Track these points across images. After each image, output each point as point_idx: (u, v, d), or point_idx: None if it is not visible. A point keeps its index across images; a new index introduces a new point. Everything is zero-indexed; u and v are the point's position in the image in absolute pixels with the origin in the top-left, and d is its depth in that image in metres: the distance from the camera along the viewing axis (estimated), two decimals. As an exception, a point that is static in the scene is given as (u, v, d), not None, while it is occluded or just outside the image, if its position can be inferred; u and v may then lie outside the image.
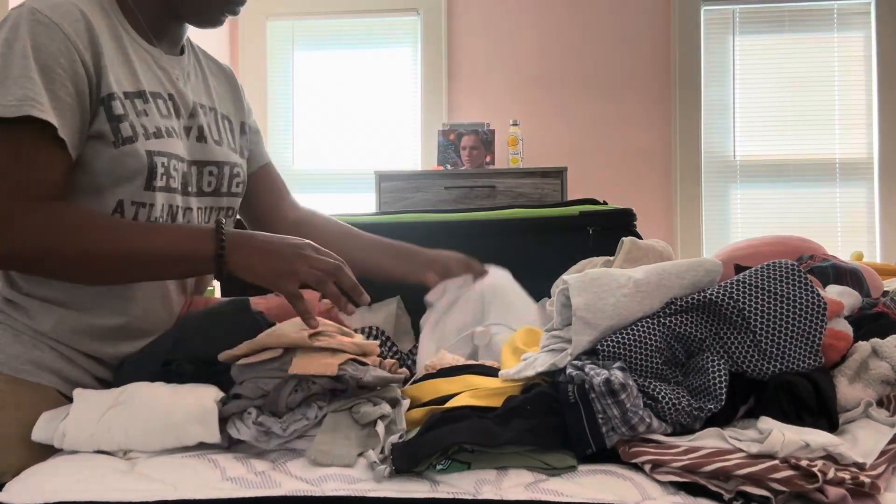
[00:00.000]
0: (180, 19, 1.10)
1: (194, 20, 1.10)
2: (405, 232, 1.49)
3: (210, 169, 1.13)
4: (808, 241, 1.56)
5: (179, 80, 1.11)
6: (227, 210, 1.18)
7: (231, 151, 1.18)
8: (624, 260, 1.19)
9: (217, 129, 1.17)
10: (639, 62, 3.60)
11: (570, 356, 0.85)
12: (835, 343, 0.87)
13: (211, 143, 1.14)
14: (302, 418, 0.82)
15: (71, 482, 0.74)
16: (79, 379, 1.00)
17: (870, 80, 3.50)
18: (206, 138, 1.13)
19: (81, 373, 1.01)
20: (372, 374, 0.86)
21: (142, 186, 1.00)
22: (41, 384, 0.96)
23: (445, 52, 3.66)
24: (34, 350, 0.97)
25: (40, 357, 0.97)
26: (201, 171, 1.12)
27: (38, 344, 0.98)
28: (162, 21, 1.08)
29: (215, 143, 1.15)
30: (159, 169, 1.01)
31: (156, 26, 1.08)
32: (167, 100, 1.07)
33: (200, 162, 1.11)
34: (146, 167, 0.99)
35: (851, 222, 3.50)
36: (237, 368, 0.86)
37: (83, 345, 1.00)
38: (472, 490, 0.71)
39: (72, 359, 1.00)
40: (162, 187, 1.02)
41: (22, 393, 0.95)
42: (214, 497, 0.71)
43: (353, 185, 3.68)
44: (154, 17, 1.07)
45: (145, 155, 0.99)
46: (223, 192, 1.16)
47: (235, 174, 1.17)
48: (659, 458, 0.73)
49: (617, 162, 3.59)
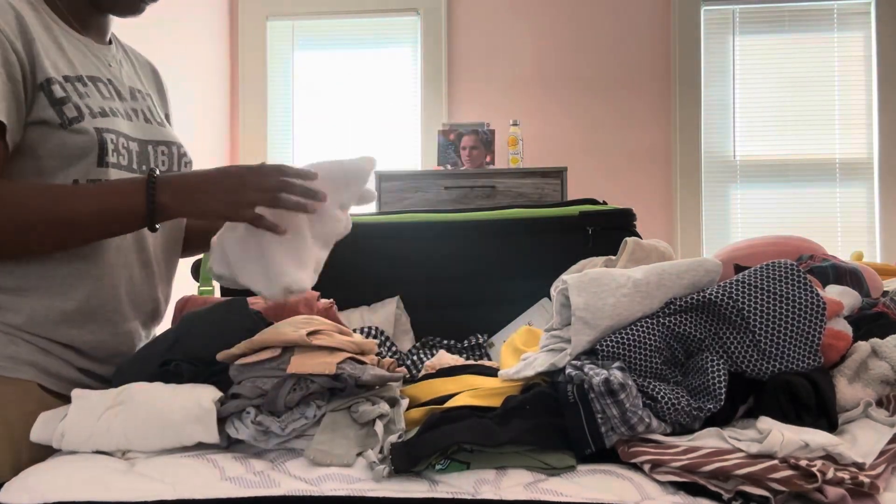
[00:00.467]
0: (101, 9, 1.11)
1: (114, 9, 1.11)
2: (405, 232, 1.49)
3: (161, 149, 1.15)
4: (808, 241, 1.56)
5: (112, 65, 1.13)
6: None
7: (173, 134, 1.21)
8: (627, 260, 1.18)
9: (158, 113, 1.20)
10: (639, 62, 3.60)
11: (569, 356, 0.85)
12: (834, 343, 0.87)
13: (155, 125, 1.16)
14: (300, 417, 0.82)
15: (70, 482, 0.74)
16: (58, 370, 1.00)
17: (870, 80, 3.50)
18: (150, 120, 1.15)
19: (60, 363, 1.00)
20: (370, 373, 0.86)
21: (94, 163, 1.00)
22: (21, 379, 0.96)
23: (445, 52, 3.66)
24: (10, 346, 0.97)
25: (16, 352, 0.97)
26: (156, 150, 1.13)
27: (13, 339, 0.97)
28: (85, 12, 1.10)
29: (158, 124, 1.17)
30: (109, 145, 1.01)
31: (81, 18, 1.10)
32: (107, 84, 1.09)
33: (152, 142, 1.13)
34: (96, 143, 1.00)
35: (851, 222, 3.50)
36: (235, 368, 0.86)
37: (57, 333, 1.00)
38: (472, 490, 0.71)
39: (48, 350, 0.99)
40: (115, 164, 1.03)
41: (2, 391, 0.94)
42: (213, 497, 0.71)
43: (353, 185, 3.67)
44: (78, 10, 1.09)
45: (94, 132, 1.00)
46: (175, 171, 1.17)
47: (183, 153, 1.19)
48: (658, 457, 0.72)
49: (617, 162, 3.59)
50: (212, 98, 3.59)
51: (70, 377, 1.01)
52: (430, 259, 1.47)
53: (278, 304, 1.22)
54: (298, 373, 0.82)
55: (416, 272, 1.47)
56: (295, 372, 0.82)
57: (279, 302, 1.23)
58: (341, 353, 0.87)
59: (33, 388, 0.97)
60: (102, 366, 1.05)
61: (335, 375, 0.83)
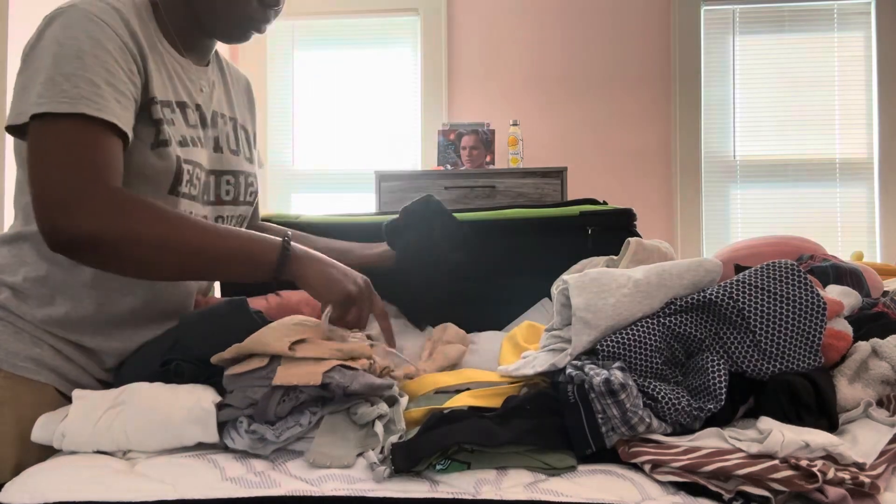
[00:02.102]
0: (209, 35, 1.12)
1: (223, 37, 1.12)
2: (405, 232, 1.48)
3: (227, 178, 1.16)
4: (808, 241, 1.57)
5: (204, 90, 1.14)
6: (239, 218, 1.21)
7: (246, 161, 1.22)
8: (630, 261, 1.18)
9: (235, 139, 1.20)
10: (639, 62, 3.60)
11: (569, 356, 0.85)
12: (835, 343, 0.87)
13: (227, 153, 1.16)
14: (295, 425, 0.81)
15: (70, 482, 0.74)
16: (77, 378, 1.01)
17: (870, 80, 3.50)
18: (222, 148, 1.15)
19: (80, 372, 1.01)
20: (360, 382, 0.83)
21: (166, 190, 1.02)
22: (40, 382, 0.97)
23: (445, 52, 3.66)
24: (34, 348, 0.98)
25: (40, 355, 0.98)
26: (219, 181, 1.14)
27: (37, 342, 0.98)
28: (192, 35, 1.11)
29: (232, 152, 1.18)
30: (185, 175, 1.03)
31: (186, 39, 1.10)
32: (194, 110, 1.10)
33: (218, 171, 1.14)
34: (174, 171, 1.01)
35: (851, 222, 3.50)
36: (227, 378, 0.85)
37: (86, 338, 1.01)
38: (472, 490, 0.71)
39: (70, 357, 1.00)
40: (185, 194, 1.04)
41: (21, 390, 0.95)
42: (214, 497, 0.71)
43: (353, 185, 3.68)
44: (185, 31, 1.10)
45: (176, 160, 1.01)
46: (240, 201, 1.19)
47: (249, 184, 1.21)
48: (659, 458, 0.72)
49: (617, 162, 3.59)
50: (212, 98, 3.59)
51: (87, 385, 1.01)
52: (431, 259, 1.47)
53: (280, 304, 1.22)
54: (284, 384, 0.81)
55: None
56: (280, 383, 0.81)
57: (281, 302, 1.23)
58: (329, 361, 0.85)
59: (51, 391, 0.98)
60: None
61: (323, 385, 0.82)
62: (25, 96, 0.91)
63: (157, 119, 1.00)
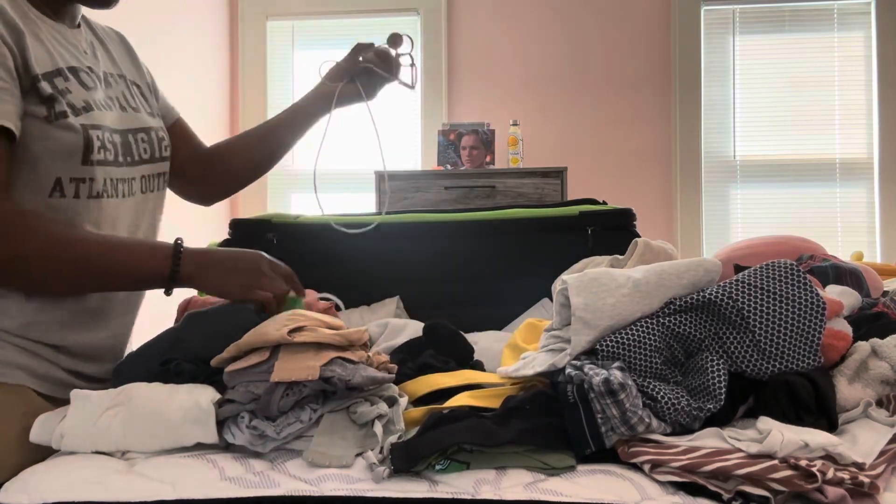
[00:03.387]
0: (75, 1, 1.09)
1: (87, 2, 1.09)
2: (405, 232, 1.49)
3: (141, 136, 1.13)
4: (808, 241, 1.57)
5: (87, 52, 1.10)
6: (162, 175, 1.19)
7: (149, 116, 1.19)
8: (638, 261, 1.18)
9: (132, 96, 1.17)
10: (639, 62, 3.60)
11: (569, 356, 0.85)
12: (834, 343, 0.87)
13: (130, 111, 1.13)
14: (296, 421, 0.81)
15: (69, 482, 0.74)
16: (46, 371, 0.99)
17: (870, 80, 3.50)
18: (126, 107, 1.13)
19: (48, 365, 1.00)
20: (361, 375, 0.84)
21: (79, 161, 0.99)
22: (10, 383, 0.95)
23: (445, 52, 3.66)
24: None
25: (5, 356, 0.96)
26: (136, 139, 1.12)
27: (1, 343, 0.96)
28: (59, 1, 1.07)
29: (133, 109, 1.15)
30: (95, 142, 1.00)
31: (54, 4, 1.06)
32: (87, 72, 1.06)
33: (131, 130, 1.11)
34: (83, 141, 0.99)
35: (851, 222, 3.50)
36: (227, 374, 0.85)
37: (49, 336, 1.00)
38: (472, 490, 0.71)
39: (36, 352, 0.99)
40: (100, 161, 1.02)
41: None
42: (213, 497, 0.71)
43: (353, 185, 3.68)
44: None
45: (81, 129, 0.99)
46: (157, 157, 1.16)
47: (161, 138, 1.18)
48: (658, 457, 0.72)
49: (617, 162, 3.59)
50: (212, 98, 3.59)
51: (57, 378, 1.00)
52: (430, 259, 1.47)
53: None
54: (282, 380, 0.81)
55: (416, 272, 1.47)
56: (278, 380, 0.81)
57: None
58: (327, 352, 0.85)
59: (25, 390, 0.96)
60: (89, 364, 1.05)
61: (325, 378, 0.82)
62: None
63: (49, 95, 0.97)
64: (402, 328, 1.27)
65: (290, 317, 0.90)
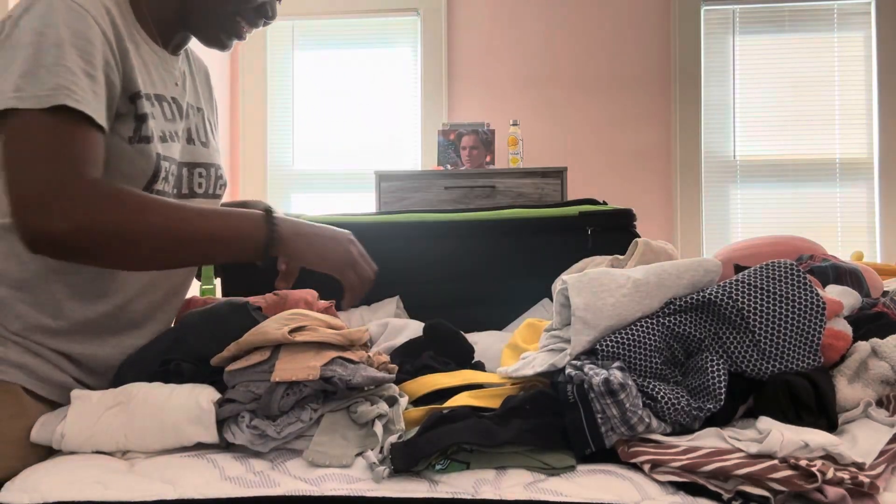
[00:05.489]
0: (190, 33, 1.11)
1: (203, 36, 1.10)
2: (405, 232, 1.49)
3: (200, 171, 1.14)
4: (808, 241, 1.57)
5: (178, 83, 1.11)
6: None
7: (215, 153, 1.19)
8: (638, 262, 1.18)
9: (204, 131, 1.18)
10: (639, 62, 3.60)
11: (569, 356, 0.85)
12: (834, 343, 0.87)
13: (198, 145, 1.14)
14: (296, 421, 0.81)
15: (70, 482, 0.74)
16: (49, 374, 0.96)
17: (870, 80, 3.50)
18: (194, 140, 1.14)
19: (51, 368, 0.97)
20: (361, 375, 0.84)
21: (141, 187, 0.99)
22: (4, 381, 0.92)
23: (445, 52, 3.66)
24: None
25: (4, 353, 0.93)
26: (192, 174, 1.12)
27: (2, 340, 0.94)
28: (171, 28, 1.09)
29: (202, 144, 1.15)
30: (162, 173, 1.01)
31: (165, 31, 1.08)
32: (171, 103, 1.07)
33: (191, 164, 1.12)
34: (153, 169, 0.99)
35: (851, 222, 3.50)
36: (228, 374, 0.85)
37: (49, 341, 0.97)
38: (472, 490, 0.71)
39: (40, 354, 0.96)
40: (159, 191, 1.02)
41: None
42: (213, 496, 0.71)
43: (353, 185, 3.68)
44: (165, 22, 1.07)
45: (155, 158, 0.99)
46: (209, 193, 1.17)
47: (219, 176, 1.19)
48: (658, 457, 0.72)
49: (617, 162, 3.59)
50: (212, 98, 3.59)
51: (60, 381, 0.98)
52: (430, 259, 1.47)
53: (277, 303, 1.22)
54: (283, 380, 0.81)
55: (416, 272, 1.47)
56: (279, 380, 0.81)
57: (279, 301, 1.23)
58: (328, 352, 0.85)
59: (16, 390, 0.93)
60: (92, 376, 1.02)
61: (326, 378, 0.82)
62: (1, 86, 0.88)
63: (143, 114, 0.98)
64: (402, 328, 1.27)
65: (291, 316, 0.90)
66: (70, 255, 0.88)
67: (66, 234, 0.84)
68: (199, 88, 1.20)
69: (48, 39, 0.88)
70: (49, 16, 0.90)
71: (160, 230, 0.90)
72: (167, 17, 1.07)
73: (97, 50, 0.92)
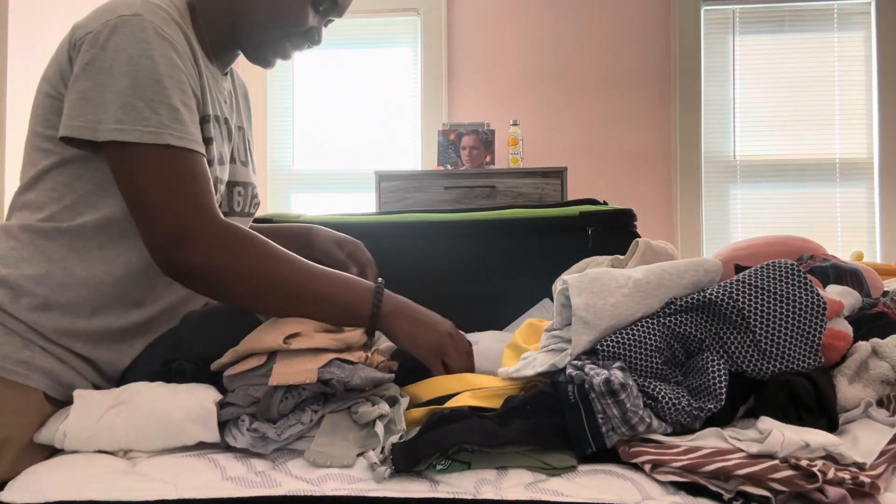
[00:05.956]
0: (239, 49, 1.12)
1: (251, 54, 1.12)
2: (405, 232, 1.49)
3: (239, 189, 1.15)
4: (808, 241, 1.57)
5: (227, 102, 1.13)
6: None
7: (252, 172, 1.21)
8: (639, 262, 1.18)
9: (244, 150, 1.19)
10: (639, 62, 3.60)
11: (569, 356, 0.85)
12: (835, 343, 0.87)
13: (238, 164, 1.16)
14: (297, 423, 0.81)
15: (71, 481, 0.74)
16: (72, 381, 0.96)
17: (870, 80, 3.50)
18: (236, 160, 1.15)
19: (74, 374, 0.97)
20: (360, 376, 0.84)
21: None
22: (28, 386, 0.92)
23: (445, 52, 3.66)
24: (24, 350, 0.93)
25: (30, 357, 0.93)
26: (231, 192, 1.14)
27: (28, 344, 0.94)
28: (225, 45, 1.10)
29: (241, 163, 1.17)
30: (217, 196, 1.03)
31: (218, 49, 1.10)
32: (222, 124, 1.09)
33: (231, 183, 1.13)
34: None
35: (851, 222, 3.50)
36: (227, 378, 0.85)
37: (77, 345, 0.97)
38: (472, 490, 0.71)
39: (64, 360, 0.96)
40: None
41: (6, 394, 0.90)
42: (214, 496, 0.71)
43: (353, 185, 3.68)
44: (219, 40, 1.09)
45: (214, 181, 1.01)
46: (244, 212, 1.18)
47: (254, 195, 1.20)
48: (659, 457, 0.73)
49: (617, 162, 3.59)
50: (212, 98, 3.59)
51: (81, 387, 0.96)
52: (431, 259, 1.47)
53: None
54: (280, 384, 0.81)
55: (416, 272, 1.47)
56: (277, 383, 0.81)
57: None
58: (325, 354, 0.85)
59: (37, 396, 0.93)
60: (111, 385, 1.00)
61: (324, 381, 0.82)
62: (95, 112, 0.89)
63: (209, 137, 1.00)
64: None
65: (286, 323, 0.90)
66: (198, 286, 0.95)
67: (197, 269, 0.91)
68: (241, 107, 1.22)
69: (144, 71, 0.90)
70: (142, 45, 0.91)
71: (285, 282, 0.94)
72: (222, 36, 1.08)
73: (186, 78, 0.94)
